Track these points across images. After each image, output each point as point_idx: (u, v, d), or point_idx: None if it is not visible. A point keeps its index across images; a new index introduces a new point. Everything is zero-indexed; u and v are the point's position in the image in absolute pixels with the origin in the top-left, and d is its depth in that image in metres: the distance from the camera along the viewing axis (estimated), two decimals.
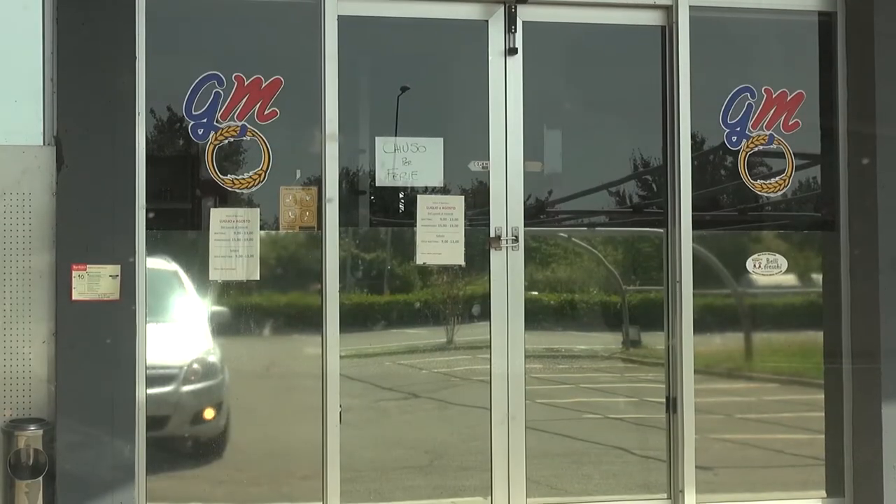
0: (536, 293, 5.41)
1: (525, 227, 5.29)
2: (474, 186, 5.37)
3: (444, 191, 5.31)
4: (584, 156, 5.62)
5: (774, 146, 5.53)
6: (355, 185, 5.36)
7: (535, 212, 5.49)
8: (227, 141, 5.04)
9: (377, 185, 5.25)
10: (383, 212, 5.43)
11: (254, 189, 5.05)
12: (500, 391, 5.23)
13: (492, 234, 5.26)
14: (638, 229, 5.73)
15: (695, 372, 5.37)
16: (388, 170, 5.23)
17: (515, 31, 5.25)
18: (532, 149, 5.37)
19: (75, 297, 4.68)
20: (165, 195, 5.08)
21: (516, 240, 5.26)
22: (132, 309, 4.77)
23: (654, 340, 5.54)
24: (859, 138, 5.43)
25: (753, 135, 5.51)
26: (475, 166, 5.32)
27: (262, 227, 5.03)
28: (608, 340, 5.62)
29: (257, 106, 5.04)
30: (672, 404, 5.40)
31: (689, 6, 5.35)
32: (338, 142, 5.05)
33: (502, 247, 5.25)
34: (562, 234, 5.65)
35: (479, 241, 5.27)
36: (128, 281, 4.75)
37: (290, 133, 5.15)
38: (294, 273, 5.20)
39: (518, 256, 5.28)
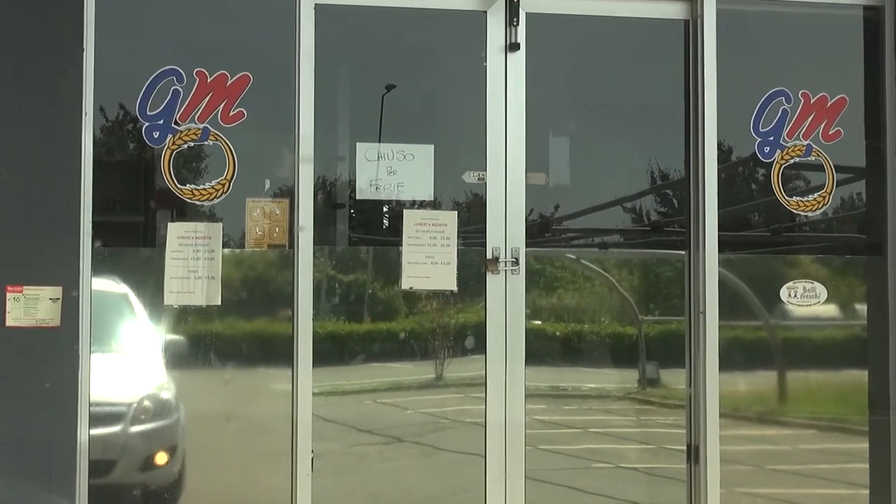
0: (539, 323, 5.45)
1: (527, 247, 5.32)
2: (469, 200, 5.39)
3: (434, 205, 5.33)
4: (595, 166, 5.68)
5: (812, 158, 5.61)
6: (332, 197, 5.39)
7: (539, 230, 5.50)
8: (186, 145, 5.08)
9: (358, 197, 5.29)
10: (364, 228, 5.47)
11: (216, 201, 5.09)
12: (497, 435, 5.26)
13: (488, 255, 5.28)
14: (656, 251, 5.76)
15: (720, 416, 5.40)
16: (371, 180, 5.27)
17: (518, 23, 5.29)
18: (535, 158, 5.40)
19: (9, 322, 4.75)
20: (115, 207, 5.12)
21: (516, 262, 5.28)
22: (75, 337, 4.84)
23: (673, 379, 5.59)
24: None
25: (789, 145, 5.59)
26: (470, 177, 5.35)
27: (225, 245, 5.07)
28: (621, 378, 5.66)
29: (221, 106, 5.09)
30: (694, 453, 5.45)
31: None
32: (312, 153, 5.10)
33: (500, 270, 5.27)
34: (569, 256, 5.69)
35: (474, 263, 5.30)
36: (70, 305, 4.81)
37: (258, 137, 5.19)
38: (261, 297, 5.24)
39: (518, 281, 5.30)
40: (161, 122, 5.07)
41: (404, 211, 5.24)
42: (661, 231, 5.78)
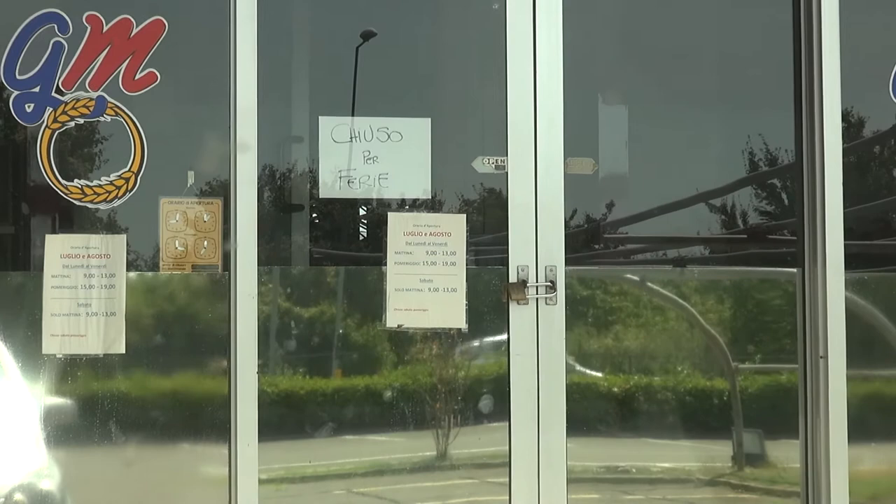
0: (587, 373, 5.34)
1: (567, 264, 5.14)
2: (483, 198, 5.32)
3: (432, 205, 5.24)
4: (665, 148, 5.54)
5: None
6: (285, 196, 5.37)
7: (585, 240, 5.52)
8: (73, 123, 4.91)
9: (322, 195, 5.21)
10: (332, 240, 5.46)
11: (117, 202, 4.92)
12: None
13: (512, 278, 5.09)
14: (756, 268, 5.72)
15: None
16: (341, 171, 5.13)
17: None
18: (579, 136, 5.26)
19: None
20: None
21: (552, 286, 5.09)
22: None
23: (783, 454, 5.48)
24: None
25: None
26: (485, 165, 5.17)
27: (131, 266, 4.94)
28: (708, 454, 5.54)
29: (124, 66, 4.92)
30: None
31: None
32: (256, 133, 4.89)
33: (530, 298, 5.08)
34: (630, 277, 5.57)
35: (491, 290, 5.14)
36: None
37: (177, 111, 5.12)
38: (184, 342, 5.10)
39: (555, 314, 5.11)
40: (36, 89, 4.88)
41: (389, 214, 5.09)
42: (762, 239, 5.72)
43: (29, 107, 4.85)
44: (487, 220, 5.30)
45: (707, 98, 5.63)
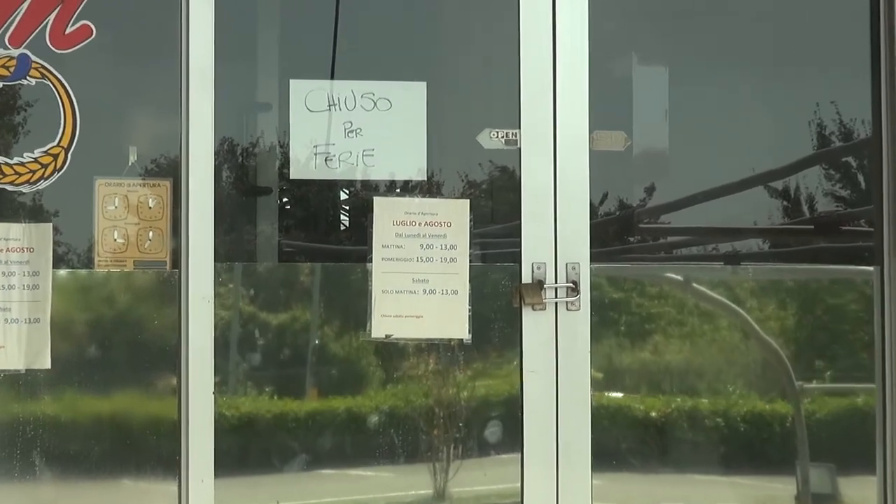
0: (618, 395, 5.29)
1: (594, 261, 5.04)
2: (491, 180, 5.26)
3: (428, 188, 5.18)
4: (714, 119, 5.47)
5: None
6: (249, 176, 5.30)
7: (616, 231, 5.48)
8: None
9: (293, 176, 5.12)
10: (306, 230, 5.43)
11: (43, 184, 4.84)
12: None
13: (526, 278, 4.98)
14: (825, 266, 5.64)
15: None
16: (317, 146, 5.03)
17: None
18: (607, 105, 5.19)
19: None
20: None
21: (575, 288, 4.97)
22: None
23: (858, 491, 5.40)
24: None
25: None
26: (492, 139, 5.06)
27: (59, 263, 4.86)
28: (767, 493, 5.44)
29: (52, 17, 4.85)
30: None
31: None
32: (213, 100, 4.77)
33: (548, 302, 4.94)
34: (671, 277, 5.51)
35: (500, 292, 5.06)
36: None
37: (117, 72, 5.03)
38: (123, 355, 4.97)
39: (579, 322, 4.99)
40: None
41: (375, 199, 4.98)
42: (832, 231, 5.62)
43: None
44: (496, 206, 5.24)
45: (764, 58, 5.54)
